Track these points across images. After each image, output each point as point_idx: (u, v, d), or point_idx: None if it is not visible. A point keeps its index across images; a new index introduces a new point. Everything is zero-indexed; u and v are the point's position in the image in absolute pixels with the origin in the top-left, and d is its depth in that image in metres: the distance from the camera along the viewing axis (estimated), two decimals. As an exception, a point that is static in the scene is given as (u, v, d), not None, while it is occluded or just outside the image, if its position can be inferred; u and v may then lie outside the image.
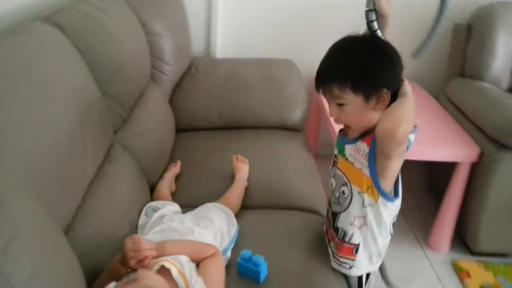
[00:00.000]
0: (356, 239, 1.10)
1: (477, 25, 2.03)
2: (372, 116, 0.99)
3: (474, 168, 1.73)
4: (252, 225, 1.30)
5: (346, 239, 1.10)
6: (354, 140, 1.05)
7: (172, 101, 1.85)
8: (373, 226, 1.08)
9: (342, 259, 1.14)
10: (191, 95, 1.87)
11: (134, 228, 1.17)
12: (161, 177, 1.49)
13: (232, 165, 1.51)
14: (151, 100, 1.61)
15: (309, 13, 2.23)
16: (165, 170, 1.52)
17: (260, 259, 1.09)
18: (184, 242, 0.99)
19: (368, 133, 1.02)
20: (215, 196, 1.43)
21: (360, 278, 1.17)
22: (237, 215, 1.31)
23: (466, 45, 2.07)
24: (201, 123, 1.86)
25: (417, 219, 2.07)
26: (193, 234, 1.06)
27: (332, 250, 1.16)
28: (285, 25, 2.25)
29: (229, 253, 1.16)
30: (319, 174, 1.70)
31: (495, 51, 1.99)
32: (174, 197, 1.43)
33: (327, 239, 1.21)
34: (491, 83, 2.01)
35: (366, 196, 1.04)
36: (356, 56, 0.96)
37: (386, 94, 0.95)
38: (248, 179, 1.48)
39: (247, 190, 1.44)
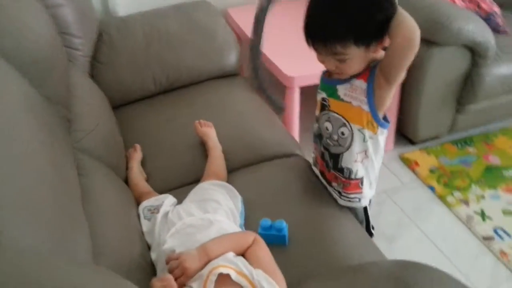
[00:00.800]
0: (360, 173, 1.14)
1: None
2: (370, 57, 0.97)
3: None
4: (244, 189, 1.25)
5: (352, 176, 1.14)
6: (347, 80, 1.04)
7: (94, 78, 1.61)
8: (372, 156, 1.12)
9: (351, 195, 1.18)
10: (113, 65, 1.64)
11: (143, 238, 1.06)
12: (127, 168, 1.34)
13: (198, 133, 1.41)
14: (80, 86, 1.38)
15: None
16: (127, 159, 1.37)
17: (282, 223, 1.09)
18: (223, 238, 0.93)
19: (364, 72, 1.01)
20: (192, 169, 1.36)
21: (365, 206, 1.23)
22: (226, 183, 1.26)
23: None
24: (136, 94, 1.67)
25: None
26: (212, 225, 0.99)
27: (338, 190, 1.19)
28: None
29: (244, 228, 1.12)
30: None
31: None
32: (150, 184, 1.31)
33: (326, 181, 1.24)
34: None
35: (366, 132, 1.07)
36: (349, 7, 0.91)
37: (385, 38, 0.94)
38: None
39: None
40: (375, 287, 0.86)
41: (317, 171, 1.28)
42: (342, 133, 1.08)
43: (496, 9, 2.18)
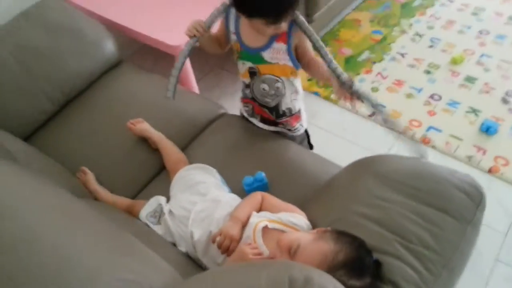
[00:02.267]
0: (297, 107, 1.38)
1: None
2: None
3: None
4: (206, 161, 1.37)
5: (293, 112, 1.37)
6: (268, 45, 1.21)
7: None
8: (298, 88, 1.35)
9: (297, 126, 1.42)
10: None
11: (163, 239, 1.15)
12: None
13: (135, 132, 1.45)
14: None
15: None
16: (83, 184, 1.36)
17: (261, 174, 1.28)
18: (242, 205, 1.08)
19: (276, 34, 1.18)
20: (148, 164, 1.45)
21: (306, 130, 1.48)
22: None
23: None
24: (37, 119, 1.57)
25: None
26: (220, 202, 1.14)
27: (286, 128, 1.42)
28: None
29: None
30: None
31: None
32: (119, 195, 1.35)
33: (270, 126, 1.45)
34: None
35: (292, 78, 1.29)
36: None
37: None
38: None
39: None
40: (355, 183, 1.13)
41: (255, 121, 1.46)
42: (277, 88, 1.29)
43: None
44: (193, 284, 0.76)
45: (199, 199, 1.16)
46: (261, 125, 1.47)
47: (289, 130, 1.44)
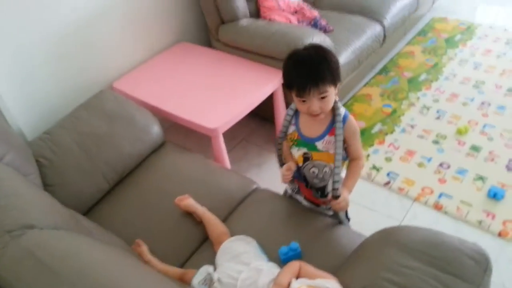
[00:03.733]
0: (340, 192, 1.55)
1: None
2: (334, 97, 1.39)
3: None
4: (244, 232, 1.57)
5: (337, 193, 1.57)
6: (322, 137, 1.45)
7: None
8: (342, 175, 1.54)
9: None
10: (64, 183, 1.72)
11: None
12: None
13: (182, 208, 1.67)
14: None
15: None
16: (138, 255, 1.55)
17: (295, 244, 1.47)
18: (283, 272, 1.26)
19: (329, 129, 1.43)
20: (194, 236, 1.64)
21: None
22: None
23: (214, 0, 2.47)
24: (95, 197, 1.80)
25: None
26: (261, 270, 1.32)
27: (327, 207, 1.62)
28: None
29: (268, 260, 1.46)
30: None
31: (233, -6, 2.47)
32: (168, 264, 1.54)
33: (314, 205, 1.66)
34: (242, 17, 2.54)
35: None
36: (325, 60, 1.32)
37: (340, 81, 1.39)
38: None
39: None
40: (380, 252, 1.31)
41: (300, 198, 1.68)
42: (325, 172, 1.50)
43: (316, 13, 2.81)
44: None
45: (244, 268, 1.35)
46: (304, 202, 1.67)
47: (330, 209, 1.62)
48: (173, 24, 2.68)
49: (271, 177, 1.91)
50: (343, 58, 2.56)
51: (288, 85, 1.39)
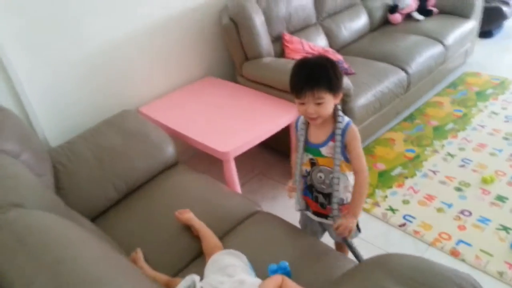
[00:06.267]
0: (349, 198, 1.57)
1: (239, 19, 2.57)
2: (332, 107, 1.44)
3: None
4: (238, 246, 1.55)
5: (344, 202, 1.57)
6: (325, 143, 1.49)
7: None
8: (352, 182, 1.56)
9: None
10: (76, 188, 1.81)
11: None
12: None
13: (181, 221, 1.69)
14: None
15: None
16: (133, 261, 1.56)
17: (285, 263, 1.43)
18: (265, 285, 1.23)
19: (332, 136, 1.47)
20: (189, 249, 1.64)
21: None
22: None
23: (239, 37, 2.61)
24: (103, 205, 1.86)
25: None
26: (244, 284, 1.29)
27: (334, 218, 1.57)
28: (93, 80, 2.32)
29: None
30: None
31: (259, 33, 2.61)
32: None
33: (322, 216, 1.64)
34: (266, 55, 2.66)
35: (347, 172, 1.54)
36: (327, 68, 1.38)
37: (341, 92, 1.43)
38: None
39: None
40: (366, 275, 1.26)
41: (310, 213, 1.68)
42: (332, 177, 1.51)
43: (339, 56, 2.89)
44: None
45: (227, 280, 1.32)
46: (314, 217, 1.67)
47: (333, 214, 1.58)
48: (202, 60, 2.84)
49: (284, 210, 1.91)
50: (363, 99, 2.59)
51: (290, 87, 1.45)
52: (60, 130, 2.22)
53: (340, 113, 1.48)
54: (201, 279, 1.40)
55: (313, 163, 1.56)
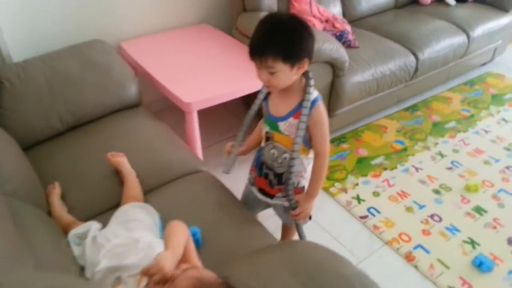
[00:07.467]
0: (301, 184, 1.42)
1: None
2: (293, 78, 1.23)
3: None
4: (161, 205, 1.45)
5: (296, 186, 1.42)
6: (285, 117, 1.30)
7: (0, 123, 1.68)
8: (307, 168, 1.40)
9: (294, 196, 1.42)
10: (18, 110, 1.72)
11: (76, 261, 1.21)
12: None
13: (111, 163, 1.58)
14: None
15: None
16: (46, 195, 1.48)
17: (195, 228, 1.32)
18: (171, 241, 1.13)
19: (295, 111, 1.28)
20: (110, 196, 1.53)
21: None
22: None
23: (239, -15, 2.41)
24: (43, 134, 1.77)
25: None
26: (138, 243, 1.18)
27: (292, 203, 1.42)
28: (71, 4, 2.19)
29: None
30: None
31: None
32: (73, 215, 1.45)
33: (267, 195, 1.49)
34: (266, 10, 2.45)
35: (301, 156, 1.36)
36: (284, 32, 1.15)
37: (305, 62, 1.20)
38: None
39: (137, 177, 1.56)
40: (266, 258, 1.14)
41: (254, 189, 1.53)
42: (284, 158, 1.36)
43: (347, 27, 2.66)
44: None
45: (123, 234, 1.22)
46: (258, 195, 1.52)
47: (290, 200, 1.42)
48: (200, 4, 2.66)
49: (235, 181, 1.75)
50: (358, 76, 2.38)
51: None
52: (26, 48, 2.10)
53: (311, 89, 1.26)
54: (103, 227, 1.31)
55: (268, 137, 1.38)
